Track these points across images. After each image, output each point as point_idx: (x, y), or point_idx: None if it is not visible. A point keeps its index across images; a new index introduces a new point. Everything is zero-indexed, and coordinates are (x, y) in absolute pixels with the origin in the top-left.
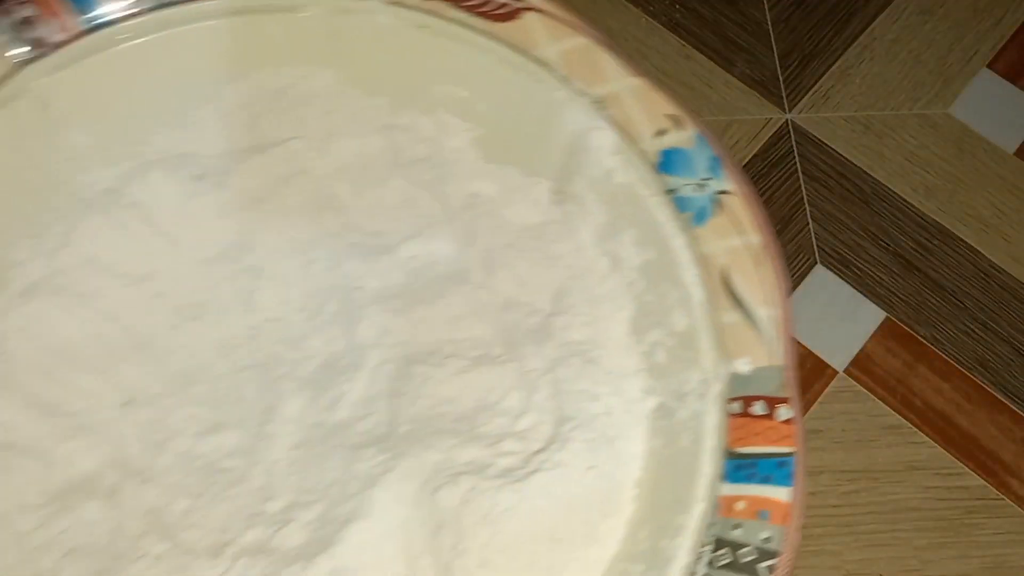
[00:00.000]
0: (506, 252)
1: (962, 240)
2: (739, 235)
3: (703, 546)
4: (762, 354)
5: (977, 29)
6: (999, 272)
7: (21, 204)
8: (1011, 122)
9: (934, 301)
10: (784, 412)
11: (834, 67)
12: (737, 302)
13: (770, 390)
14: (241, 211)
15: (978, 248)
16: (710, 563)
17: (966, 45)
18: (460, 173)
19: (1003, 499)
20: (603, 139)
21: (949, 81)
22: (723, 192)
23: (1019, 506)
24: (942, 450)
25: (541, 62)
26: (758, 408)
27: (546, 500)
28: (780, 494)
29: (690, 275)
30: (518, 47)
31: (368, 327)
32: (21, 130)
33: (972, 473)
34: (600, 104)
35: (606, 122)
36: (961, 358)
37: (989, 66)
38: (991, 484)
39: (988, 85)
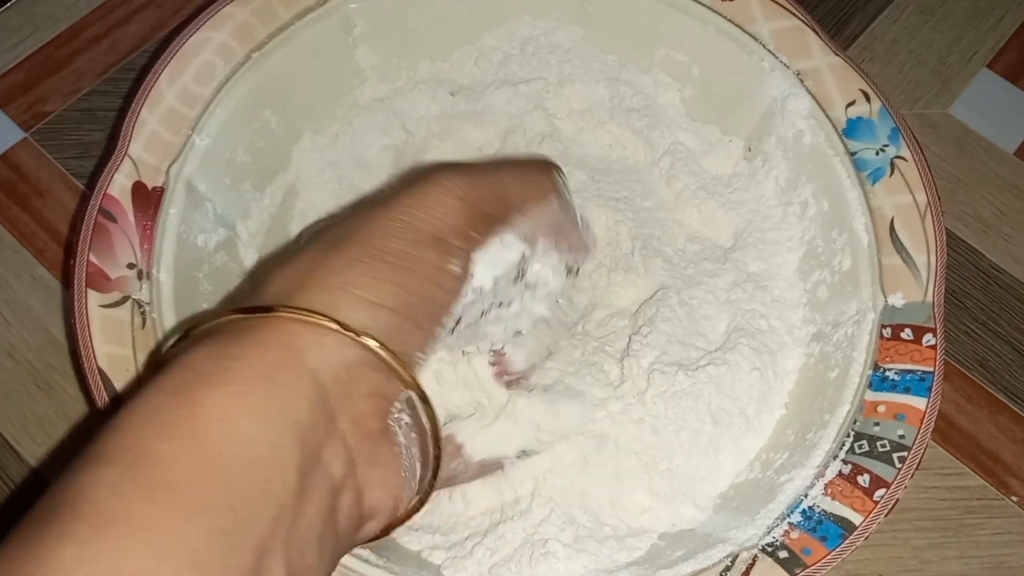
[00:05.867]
0: (697, 194)
1: (962, 240)
2: (908, 193)
3: (846, 437)
4: (915, 291)
5: (977, 29)
6: (999, 272)
7: (311, 105)
8: (1011, 122)
9: None
10: (929, 339)
11: None
12: (899, 248)
13: (919, 321)
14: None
15: (978, 248)
16: (850, 450)
17: (966, 45)
18: (667, 125)
19: (1003, 499)
20: (799, 104)
21: (949, 81)
22: (899, 157)
23: (1019, 506)
24: (942, 450)
25: (754, 36)
26: (906, 334)
27: (714, 388)
28: (918, 403)
29: (860, 223)
30: (735, 21)
31: None
32: (326, 45)
33: (972, 473)
34: (800, 76)
35: (803, 90)
36: (961, 358)
37: (989, 66)
38: (991, 484)
39: (988, 85)
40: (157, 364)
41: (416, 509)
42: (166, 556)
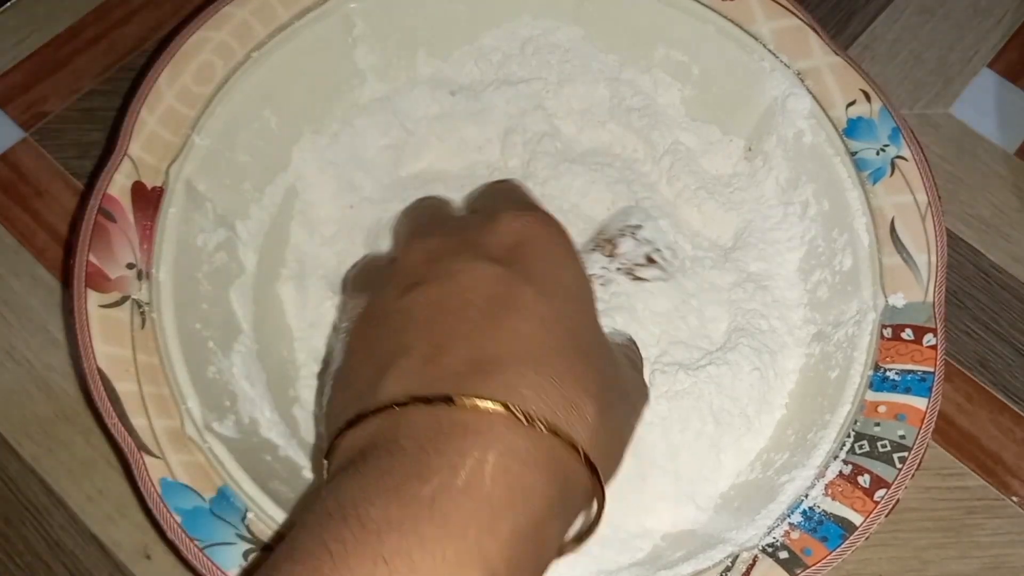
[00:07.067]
0: (697, 194)
1: (962, 240)
2: (909, 193)
3: (846, 437)
4: (916, 291)
5: (977, 29)
6: (999, 272)
7: (311, 105)
8: (1011, 122)
9: None
10: (930, 339)
11: None
12: (900, 248)
13: (919, 321)
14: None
15: (979, 248)
16: (851, 450)
17: (966, 45)
18: (667, 124)
19: (1004, 499)
20: (799, 104)
21: (949, 81)
22: (899, 157)
23: (1020, 506)
24: (942, 450)
25: (754, 36)
26: (907, 334)
27: (715, 388)
28: (918, 403)
29: (860, 223)
30: (736, 21)
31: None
32: (326, 45)
33: (972, 473)
34: (801, 75)
35: (804, 89)
36: (961, 358)
37: (989, 66)
38: (992, 484)
39: (988, 85)
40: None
41: None
42: None
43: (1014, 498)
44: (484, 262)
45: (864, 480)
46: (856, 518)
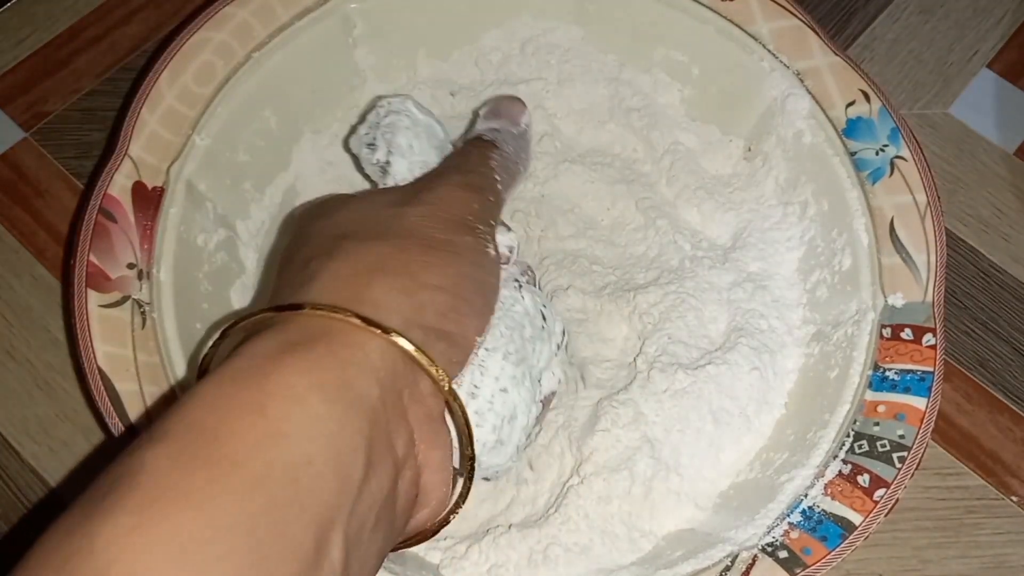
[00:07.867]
0: (696, 194)
1: (962, 240)
2: (908, 193)
3: (846, 437)
4: (915, 291)
5: (977, 29)
6: (999, 272)
7: (311, 105)
8: (1011, 122)
9: None
10: (929, 339)
11: None
12: (899, 248)
13: (919, 321)
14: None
15: (978, 248)
16: (850, 450)
17: (966, 45)
18: (667, 125)
19: (1003, 499)
20: (799, 104)
21: (949, 81)
22: (899, 157)
23: (1019, 506)
24: (942, 450)
25: (754, 36)
26: (906, 334)
27: (714, 387)
28: (918, 403)
29: (860, 223)
30: (735, 21)
31: None
32: (326, 45)
33: (972, 473)
34: (800, 75)
35: (803, 90)
36: (961, 358)
37: (989, 66)
38: (991, 484)
39: (988, 85)
40: (204, 361)
41: (456, 509)
42: (222, 525)
43: (1013, 498)
44: None
45: (863, 480)
46: (855, 518)
